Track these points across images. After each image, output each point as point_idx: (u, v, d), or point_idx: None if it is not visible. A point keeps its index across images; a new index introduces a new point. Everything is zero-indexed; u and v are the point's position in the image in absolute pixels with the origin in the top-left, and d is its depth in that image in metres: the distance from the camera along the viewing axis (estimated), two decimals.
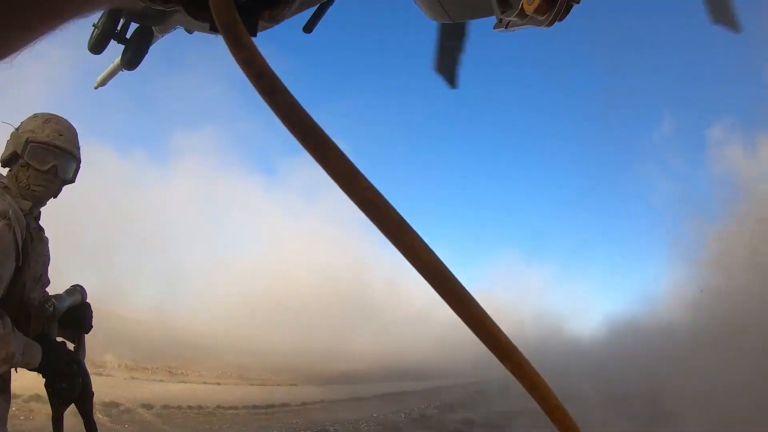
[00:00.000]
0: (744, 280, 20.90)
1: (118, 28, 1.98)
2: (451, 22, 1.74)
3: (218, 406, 13.94)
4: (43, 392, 2.62)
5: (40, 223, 2.75)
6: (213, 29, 0.49)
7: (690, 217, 28.15)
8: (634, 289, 58.80)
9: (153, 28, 1.99)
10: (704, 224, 25.72)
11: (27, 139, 2.56)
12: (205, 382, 16.16)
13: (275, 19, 0.60)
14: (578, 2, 1.26)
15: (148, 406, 11.43)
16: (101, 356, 14.04)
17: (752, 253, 21.55)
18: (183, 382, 15.62)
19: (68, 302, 2.74)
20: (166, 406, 12.07)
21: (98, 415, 11.08)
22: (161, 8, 0.54)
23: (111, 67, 2.83)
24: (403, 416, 16.22)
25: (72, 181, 2.73)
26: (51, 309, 2.59)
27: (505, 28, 1.42)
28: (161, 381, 14.71)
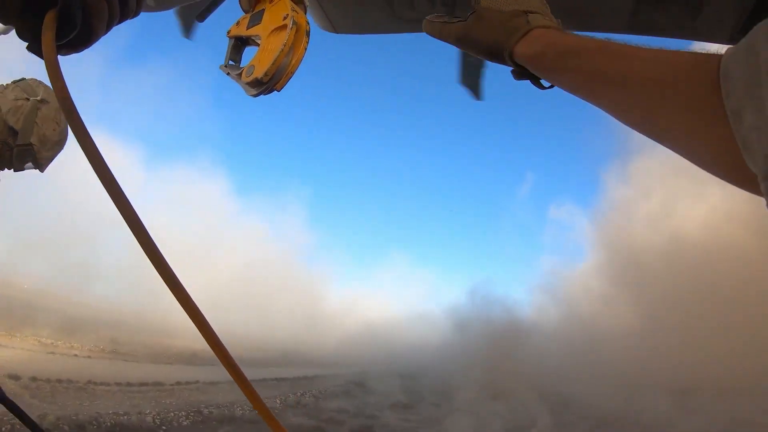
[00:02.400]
0: None
1: None
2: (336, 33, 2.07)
3: (89, 381, 13.45)
4: None
5: None
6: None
7: None
8: None
9: None
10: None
11: None
12: (76, 355, 15.45)
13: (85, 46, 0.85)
14: (279, 90, 1.46)
15: (15, 377, 10.84)
16: None
17: None
18: (52, 353, 14.88)
19: None
20: (34, 378, 11.51)
21: None
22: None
23: None
24: (278, 402, 16.37)
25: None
26: None
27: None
28: (29, 350, 13.93)
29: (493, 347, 27.39)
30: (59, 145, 2.75)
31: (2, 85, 2.70)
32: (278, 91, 1.44)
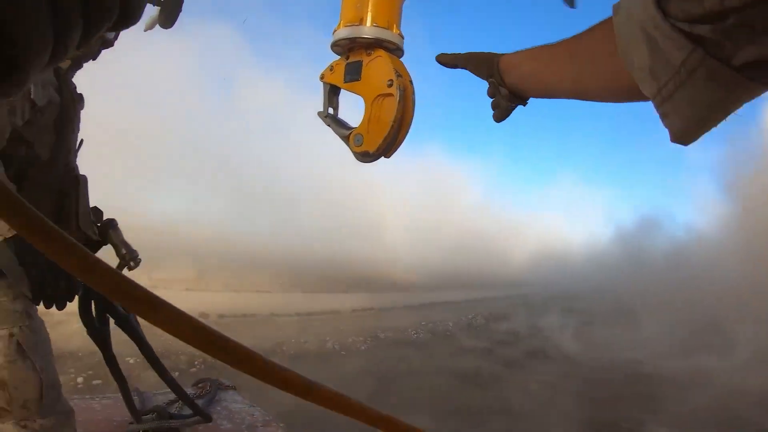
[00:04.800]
0: None
1: None
2: None
3: (271, 314, 14.35)
4: None
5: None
6: None
7: None
8: None
9: None
10: None
11: None
12: (258, 291, 16.56)
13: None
14: (388, 158, 1.45)
15: (204, 316, 11.76)
16: (156, 272, 14.41)
17: None
18: (237, 291, 16.05)
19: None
20: (221, 315, 12.44)
21: (154, 328, 11.50)
22: None
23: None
24: (451, 325, 16.41)
25: (112, 44, 2.28)
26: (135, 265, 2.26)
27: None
28: (217, 291, 15.10)
29: (671, 269, 25.22)
30: None
31: None
32: (387, 158, 1.47)
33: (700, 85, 0.71)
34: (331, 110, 1.59)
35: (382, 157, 1.48)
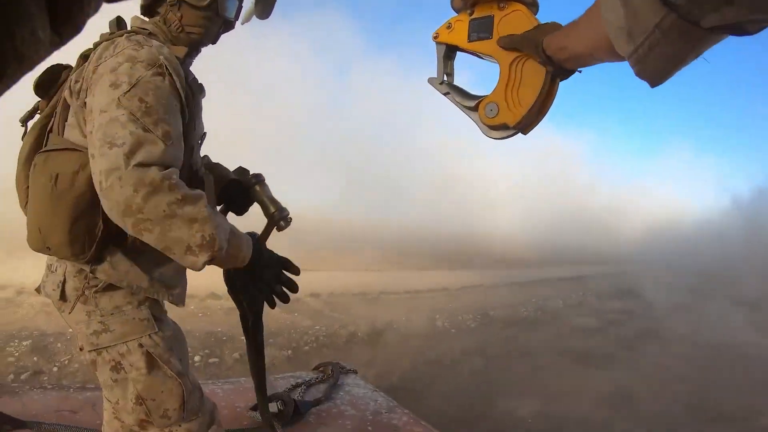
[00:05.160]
0: None
1: None
2: None
3: (381, 292, 14.74)
4: (221, 289, 2.22)
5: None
6: None
7: None
8: None
9: None
10: None
11: None
12: (367, 269, 17.01)
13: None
14: (525, 134, 1.28)
15: (315, 295, 12.30)
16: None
17: None
18: (346, 270, 16.57)
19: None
20: (331, 294, 12.95)
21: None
22: None
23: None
24: (561, 303, 16.11)
25: (232, 25, 2.10)
26: (285, 224, 2.07)
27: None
28: (327, 271, 15.64)
29: None
30: None
31: None
32: (525, 135, 1.29)
33: (673, 43, 0.81)
34: (445, 77, 1.44)
35: (519, 134, 1.30)
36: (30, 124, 1.84)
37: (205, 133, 2.05)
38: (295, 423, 2.85)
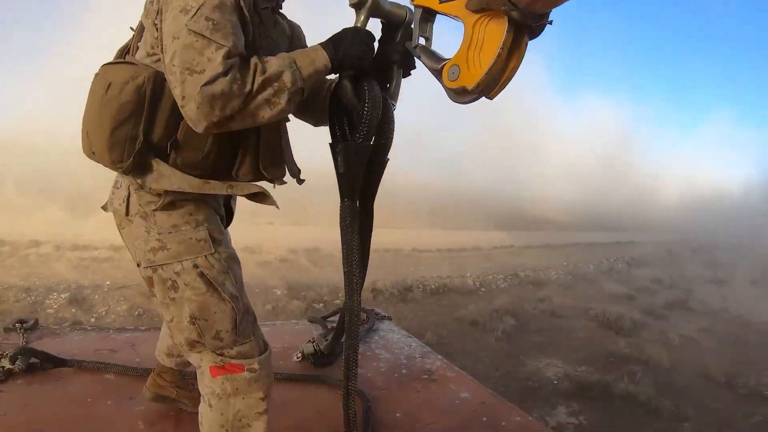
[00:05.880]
0: None
1: None
2: None
3: (413, 249, 14.93)
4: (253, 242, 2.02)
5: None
6: None
7: None
8: None
9: None
10: None
11: None
12: (400, 227, 17.11)
13: None
14: (491, 99, 1.20)
15: None
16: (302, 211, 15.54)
17: None
18: (380, 227, 16.73)
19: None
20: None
21: (300, 260, 12.42)
22: None
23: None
24: (591, 267, 16.12)
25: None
26: None
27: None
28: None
29: None
30: None
31: None
32: (490, 99, 1.21)
33: None
34: (422, 40, 1.40)
35: (484, 98, 1.23)
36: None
37: None
38: (329, 365, 2.91)
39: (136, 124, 1.55)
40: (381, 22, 1.63)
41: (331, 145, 1.69)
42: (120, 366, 2.62)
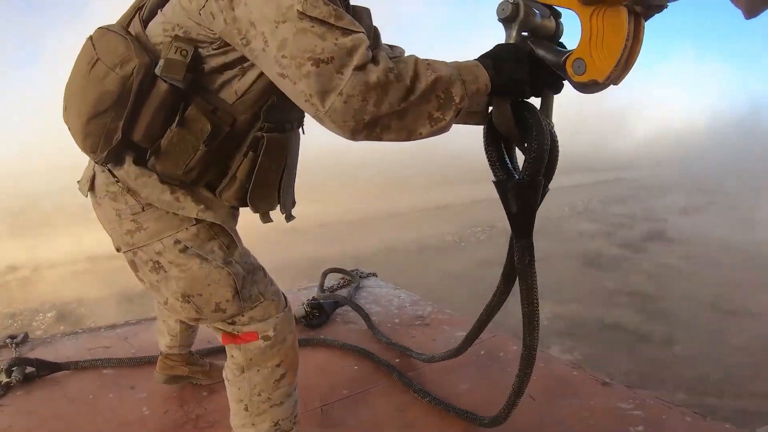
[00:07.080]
0: None
1: None
2: None
3: (389, 214, 14.86)
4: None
5: None
6: None
7: None
8: None
9: None
10: None
11: None
12: (372, 193, 16.99)
13: None
14: (616, 85, 1.18)
15: (323, 225, 12.37)
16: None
17: None
18: (350, 199, 16.51)
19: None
20: (340, 222, 12.99)
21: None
22: None
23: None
24: (567, 210, 16.26)
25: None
26: None
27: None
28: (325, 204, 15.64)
29: None
30: None
31: None
32: (616, 86, 1.18)
33: None
34: (525, 33, 1.33)
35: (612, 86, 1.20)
36: None
37: None
38: (322, 325, 2.91)
39: (116, 117, 1.36)
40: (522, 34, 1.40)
41: (496, 183, 1.46)
42: (116, 359, 2.58)
